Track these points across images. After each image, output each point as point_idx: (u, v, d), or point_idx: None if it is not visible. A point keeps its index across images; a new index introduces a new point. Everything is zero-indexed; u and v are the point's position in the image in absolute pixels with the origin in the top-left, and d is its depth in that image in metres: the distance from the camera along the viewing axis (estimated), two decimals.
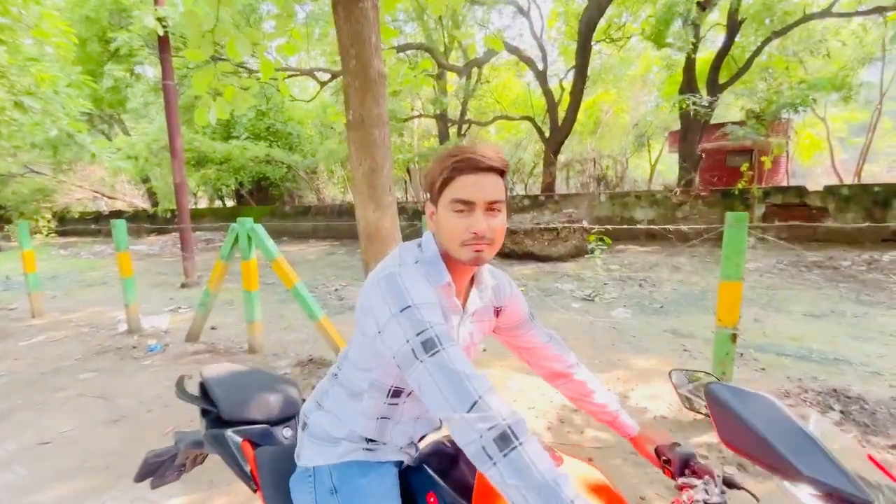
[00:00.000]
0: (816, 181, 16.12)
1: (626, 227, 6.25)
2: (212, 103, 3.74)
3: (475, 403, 0.64)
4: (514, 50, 12.83)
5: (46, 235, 16.61)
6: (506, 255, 9.69)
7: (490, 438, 0.62)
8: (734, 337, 2.49)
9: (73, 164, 17.82)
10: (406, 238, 1.43)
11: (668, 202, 10.53)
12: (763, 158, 12.03)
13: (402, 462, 0.91)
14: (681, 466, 0.84)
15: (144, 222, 15.97)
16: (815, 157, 19.97)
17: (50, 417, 2.99)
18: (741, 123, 8.98)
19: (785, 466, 0.57)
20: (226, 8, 3.31)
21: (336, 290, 6.89)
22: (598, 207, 11.25)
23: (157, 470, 1.18)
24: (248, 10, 11.37)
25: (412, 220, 12.37)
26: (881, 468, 0.62)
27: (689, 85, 10.56)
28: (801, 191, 9.59)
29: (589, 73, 16.31)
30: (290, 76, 10.95)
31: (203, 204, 22.89)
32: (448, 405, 0.66)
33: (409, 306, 0.74)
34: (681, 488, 0.78)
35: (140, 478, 1.16)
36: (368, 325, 0.78)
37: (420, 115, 14.37)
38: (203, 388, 1.11)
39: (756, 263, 7.58)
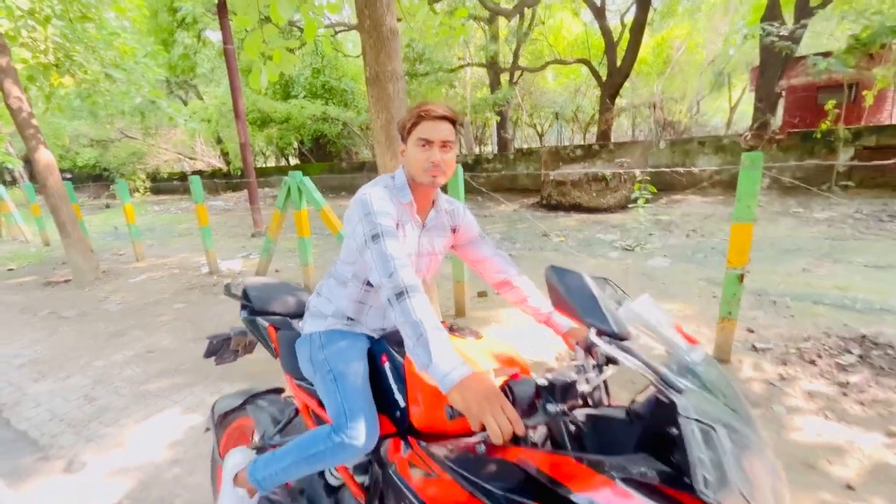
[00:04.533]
0: None
1: (656, 170, 5.91)
2: (262, 67, 4.11)
3: (391, 274, 0.94)
4: None
5: (143, 194, 18.92)
6: (552, 206, 9.61)
7: (393, 293, 0.91)
8: (741, 278, 2.52)
9: (158, 129, 19.79)
10: None
11: (737, 148, 9.67)
12: (865, 93, 10.47)
13: (373, 337, 1.24)
14: (585, 350, 1.06)
15: (220, 181, 17.53)
16: None
17: (154, 335, 3.76)
18: (827, 54, 7.82)
19: (578, 316, 0.78)
20: None
21: None
22: (656, 155, 10.59)
23: (218, 351, 1.63)
24: None
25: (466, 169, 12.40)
26: (682, 333, 0.82)
27: (772, 11, 9.29)
28: None
29: (657, 4, 14.70)
30: (337, 32, 11.11)
31: (271, 163, 24.47)
32: (379, 275, 0.96)
33: (369, 213, 1.04)
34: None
35: (207, 355, 1.61)
36: (349, 228, 1.10)
37: (467, 65, 13.98)
38: (245, 291, 1.50)
39: (828, 213, 6.94)
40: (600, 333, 0.77)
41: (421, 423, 1.00)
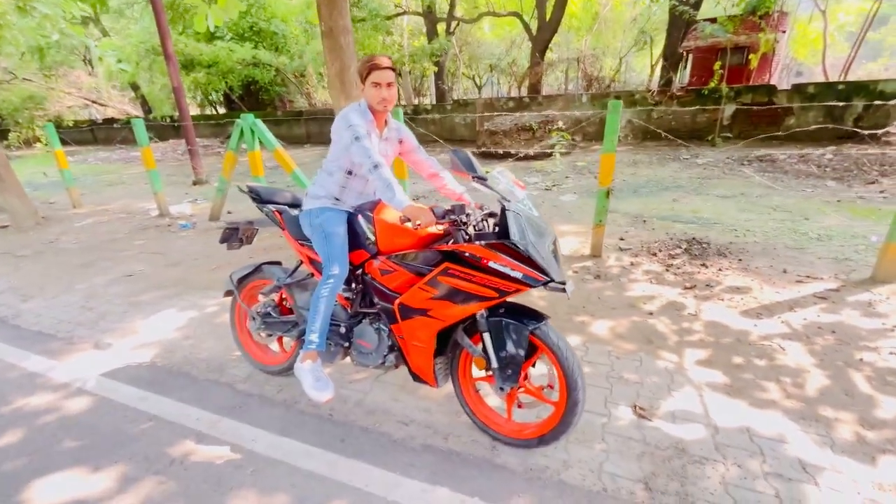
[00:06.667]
0: (819, 80, 15.90)
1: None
2: (208, 11, 4.31)
3: (369, 156, 1.62)
4: None
5: (45, 144, 17.04)
6: (487, 155, 10.41)
7: (372, 166, 1.61)
8: (608, 193, 3.48)
9: (57, 70, 17.55)
10: None
11: (647, 102, 10.94)
12: (751, 56, 12.09)
13: (350, 212, 1.94)
14: (478, 207, 1.84)
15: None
16: (816, 55, 19.36)
17: (124, 264, 4.13)
18: (713, 20, 9.05)
19: (464, 171, 1.56)
20: None
21: None
22: (579, 107, 11.63)
23: (228, 239, 2.24)
24: None
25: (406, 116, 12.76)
26: (517, 183, 1.63)
27: None
28: (770, 90, 9.98)
29: None
30: None
31: (193, 111, 22.70)
32: (361, 159, 1.64)
33: (351, 124, 1.70)
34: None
35: (221, 241, 2.22)
36: (337, 135, 1.75)
37: (404, 12, 13.90)
38: (253, 189, 2.12)
39: (706, 159, 8.39)
40: (473, 178, 1.54)
41: (384, 247, 1.75)
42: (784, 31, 14.78)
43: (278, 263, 2.22)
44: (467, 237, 1.62)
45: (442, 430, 1.85)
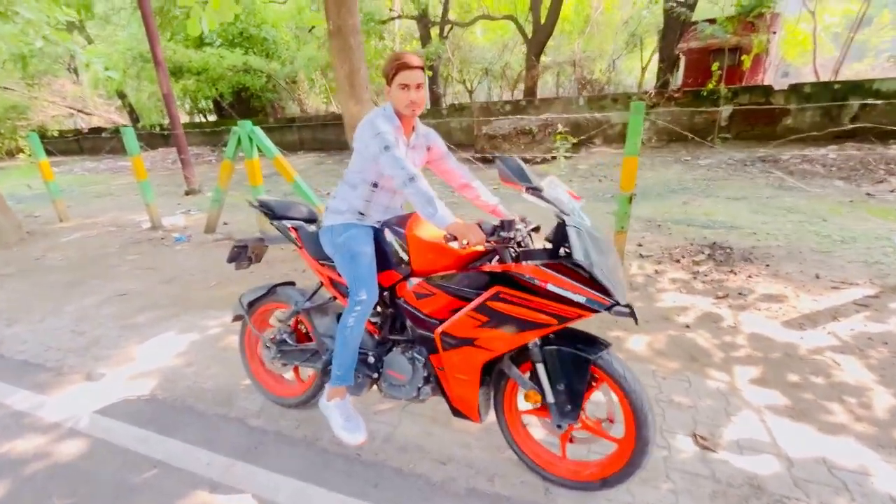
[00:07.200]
0: (805, 80, 15.99)
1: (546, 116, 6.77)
2: (202, 13, 4.10)
3: (403, 168, 1.44)
4: None
5: (29, 155, 16.56)
6: (486, 159, 10.27)
7: (407, 178, 1.42)
8: (630, 199, 3.32)
9: (41, 79, 17.11)
10: None
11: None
12: (743, 58, 12.12)
13: (375, 227, 1.75)
14: (519, 218, 1.66)
15: None
16: (804, 55, 19.56)
17: (116, 281, 3.88)
18: (713, 21, 9.06)
19: (516, 182, 1.38)
20: None
21: (328, 193, 7.59)
22: (575, 110, 11.56)
23: (236, 258, 2.03)
24: None
25: None
26: (571, 193, 1.45)
27: None
28: (767, 90, 9.98)
29: None
30: None
31: (182, 119, 22.29)
32: (393, 171, 1.45)
33: (379, 132, 1.50)
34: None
35: (229, 260, 2.01)
36: (362, 145, 1.56)
37: (398, 17, 13.76)
38: (264, 203, 1.92)
39: (709, 160, 8.33)
40: (527, 189, 1.37)
41: (418, 267, 1.56)
42: (775, 32, 14.87)
43: (292, 284, 2.02)
44: (514, 255, 1.44)
45: (485, 470, 1.65)
